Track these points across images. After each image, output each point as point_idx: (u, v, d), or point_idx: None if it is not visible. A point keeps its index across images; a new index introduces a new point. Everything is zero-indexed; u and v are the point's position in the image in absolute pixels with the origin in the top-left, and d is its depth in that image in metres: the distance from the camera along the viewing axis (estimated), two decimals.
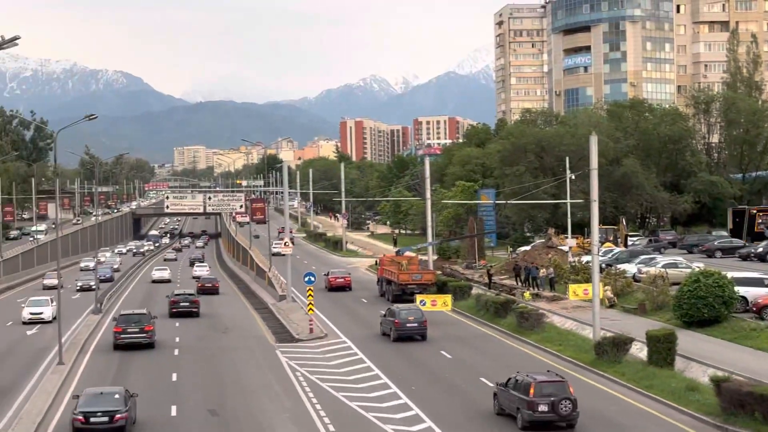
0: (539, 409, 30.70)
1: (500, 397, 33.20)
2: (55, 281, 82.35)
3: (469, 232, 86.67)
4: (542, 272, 64.61)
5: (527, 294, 60.98)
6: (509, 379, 33.07)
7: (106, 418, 30.23)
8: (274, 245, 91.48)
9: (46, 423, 33.07)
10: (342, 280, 78.05)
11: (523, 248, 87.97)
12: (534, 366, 41.75)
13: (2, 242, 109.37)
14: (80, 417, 30.34)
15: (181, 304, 63.37)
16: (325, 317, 59.55)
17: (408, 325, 50.31)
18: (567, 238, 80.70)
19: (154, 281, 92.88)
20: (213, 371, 42.87)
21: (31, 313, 61.22)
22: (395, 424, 31.95)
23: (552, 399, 30.76)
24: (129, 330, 49.27)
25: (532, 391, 30.94)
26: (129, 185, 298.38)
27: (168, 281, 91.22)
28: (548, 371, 34.36)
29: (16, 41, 26.47)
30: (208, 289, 78.81)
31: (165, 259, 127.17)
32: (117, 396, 31.35)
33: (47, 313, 60.96)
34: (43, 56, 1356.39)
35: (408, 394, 36.74)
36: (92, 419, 30.20)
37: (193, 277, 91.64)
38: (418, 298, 55.29)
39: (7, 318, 64.29)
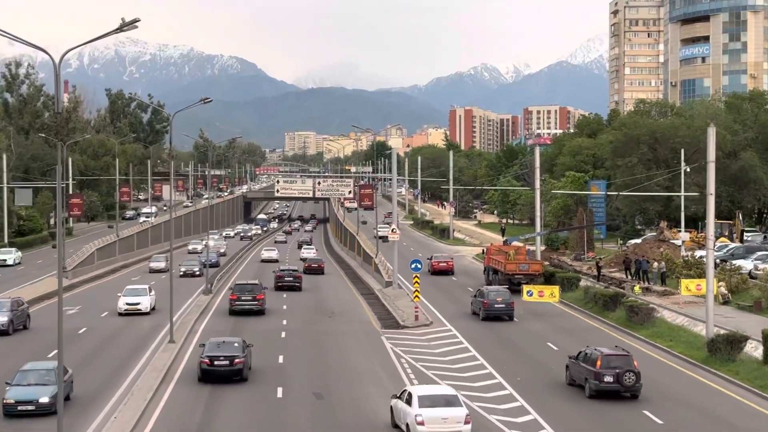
0: (605, 379, 33.67)
1: (571, 369, 36.12)
2: (161, 264, 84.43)
3: (579, 223, 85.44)
4: (655, 266, 63.30)
5: (637, 288, 59.79)
6: (580, 352, 35.96)
7: (227, 362, 36.07)
8: (379, 228, 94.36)
9: (158, 398, 33.85)
10: (445, 264, 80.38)
11: (633, 241, 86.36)
12: (643, 361, 40.98)
13: (118, 222, 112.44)
14: (206, 360, 36.19)
15: (286, 278, 69.58)
16: (430, 304, 59.48)
17: (496, 305, 53.30)
18: (680, 231, 79.00)
19: (263, 261, 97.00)
20: (318, 355, 43.22)
21: (128, 304, 56.01)
22: (500, 415, 31.68)
23: (617, 371, 33.63)
24: (243, 298, 55.85)
25: (598, 363, 33.92)
26: (241, 169, 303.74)
27: (276, 261, 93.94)
28: (615, 346, 37.36)
29: (136, 24, 26.94)
30: (314, 269, 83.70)
31: (275, 241, 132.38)
32: (236, 344, 37.18)
33: (145, 303, 56.13)
34: (161, 41, 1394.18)
35: (513, 384, 36.41)
36: (216, 362, 36.03)
37: (301, 259, 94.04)
38: (525, 288, 54.86)
39: None
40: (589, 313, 55.30)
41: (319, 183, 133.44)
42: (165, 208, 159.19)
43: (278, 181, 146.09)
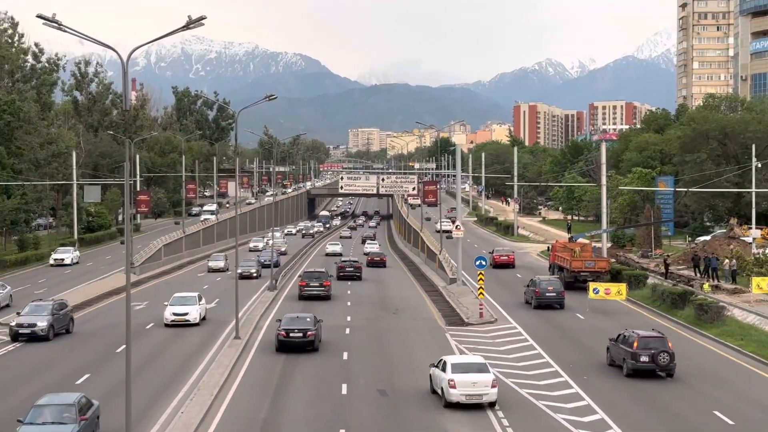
0: (641, 359, 36.72)
1: (612, 351, 39.32)
2: (221, 263, 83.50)
3: (646, 219, 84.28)
4: (725, 263, 62.13)
5: (706, 285, 58.72)
6: (619, 335, 38.95)
7: (300, 334, 41.64)
8: (442, 222, 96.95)
9: (223, 394, 34.04)
10: (506, 257, 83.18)
11: (702, 238, 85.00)
12: (713, 360, 40.38)
13: (185, 218, 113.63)
14: (282, 332, 41.77)
15: (347, 269, 74.62)
16: (495, 301, 59.09)
17: (547, 294, 56.05)
18: (750, 228, 77.48)
19: (327, 254, 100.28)
20: (383, 352, 43.14)
21: (174, 314, 50.49)
22: (566, 414, 31.26)
23: (652, 351, 36.55)
24: (311, 284, 61.41)
25: (635, 344, 37.09)
26: (305, 166, 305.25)
27: (340, 255, 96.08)
28: (652, 329, 40.00)
29: (203, 21, 27.06)
30: (377, 262, 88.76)
31: (340, 237, 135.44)
32: (308, 319, 42.85)
33: (193, 314, 50.59)
34: (227, 39, 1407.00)
35: (579, 383, 35.93)
36: (291, 334, 41.63)
37: (364, 253, 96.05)
38: (591, 286, 54.32)
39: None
40: (657, 311, 54.47)
41: (383, 180, 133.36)
42: (227, 205, 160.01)
43: (342, 178, 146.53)
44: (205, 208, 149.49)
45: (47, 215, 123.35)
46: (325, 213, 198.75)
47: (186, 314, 50.51)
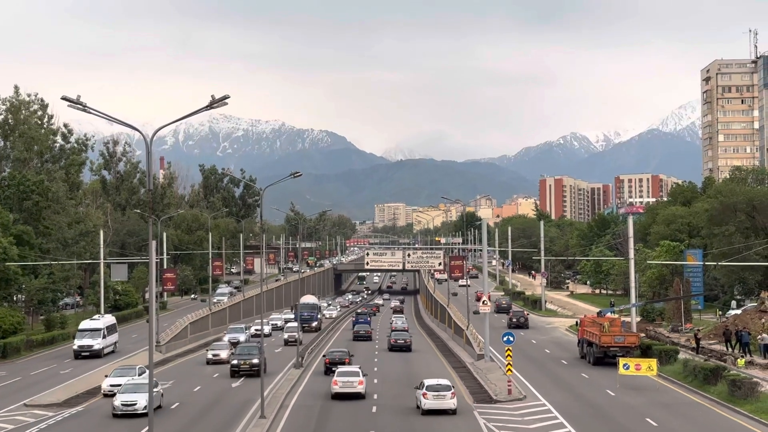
0: (513, 320, 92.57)
1: (507, 320, 67.09)
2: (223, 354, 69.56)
3: (675, 293, 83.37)
4: (759, 338, 61.07)
5: (741, 361, 57.66)
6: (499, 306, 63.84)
7: (402, 341, 45.52)
8: (460, 284, 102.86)
9: None
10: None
11: (733, 312, 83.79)
12: None
13: (211, 296, 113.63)
14: (391, 338, 45.21)
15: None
16: (523, 378, 58.26)
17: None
18: None
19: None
20: (410, 430, 42.39)
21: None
22: None
23: (518, 317, 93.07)
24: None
25: (510, 314, 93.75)
26: (331, 241, 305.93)
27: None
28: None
29: (226, 101, 27.28)
30: (398, 311, 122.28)
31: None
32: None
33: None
34: (254, 117, 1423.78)
35: None
36: (398, 341, 44.65)
37: (391, 307, 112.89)
38: (621, 361, 53.53)
39: (214, 370, 66.21)
40: (689, 386, 53.43)
41: (408, 255, 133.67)
42: (236, 290, 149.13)
43: (368, 254, 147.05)
44: (219, 290, 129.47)
45: (74, 294, 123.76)
46: (309, 300, 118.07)
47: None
